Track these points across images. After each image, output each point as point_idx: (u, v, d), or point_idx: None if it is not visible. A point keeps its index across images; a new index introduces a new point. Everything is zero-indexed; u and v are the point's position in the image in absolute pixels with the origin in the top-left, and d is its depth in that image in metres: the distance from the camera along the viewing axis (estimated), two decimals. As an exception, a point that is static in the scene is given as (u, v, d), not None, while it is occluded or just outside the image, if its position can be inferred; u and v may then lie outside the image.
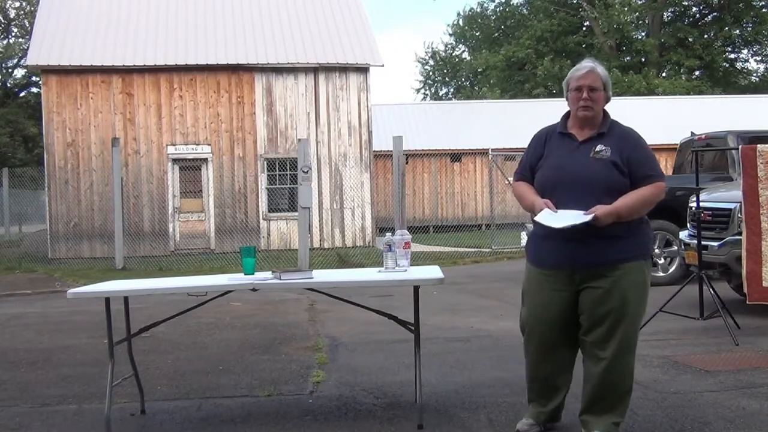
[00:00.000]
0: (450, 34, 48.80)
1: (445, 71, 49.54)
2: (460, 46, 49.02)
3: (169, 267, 14.80)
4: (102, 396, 4.31)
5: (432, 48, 51.11)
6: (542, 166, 3.71)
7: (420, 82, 50.67)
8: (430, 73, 49.99)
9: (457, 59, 48.75)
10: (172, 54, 18.87)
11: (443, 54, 49.40)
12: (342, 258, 15.04)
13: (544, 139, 3.77)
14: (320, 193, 18.97)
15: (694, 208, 7.60)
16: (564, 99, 3.80)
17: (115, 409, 4.45)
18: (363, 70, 19.28)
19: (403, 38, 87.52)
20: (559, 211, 3.54)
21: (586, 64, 3.69)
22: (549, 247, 3.64)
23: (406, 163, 20.68)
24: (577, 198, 3.53)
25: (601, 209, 3.47)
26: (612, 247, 3.54)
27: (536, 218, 3.63)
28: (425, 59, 49.84)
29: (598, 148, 3.60)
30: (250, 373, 5.65)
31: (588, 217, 3.46)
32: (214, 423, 4.47)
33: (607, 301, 3.57)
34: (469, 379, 5.27)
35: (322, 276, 4.60)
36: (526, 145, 3.94)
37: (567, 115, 3.77)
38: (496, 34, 44.21)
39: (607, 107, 3.74)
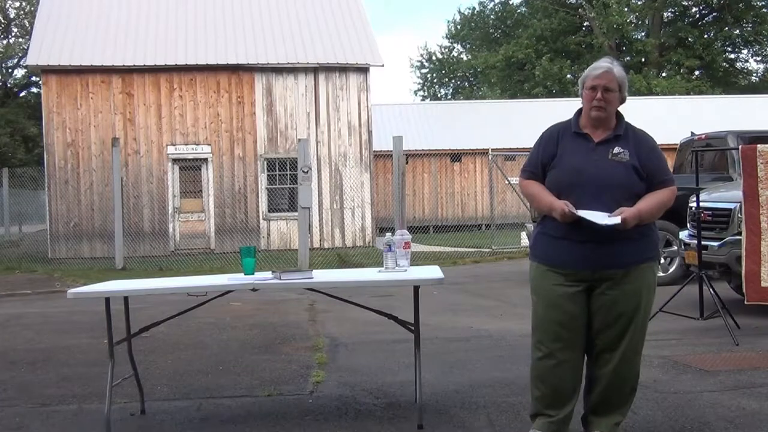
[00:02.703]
0: (447, 37, 48.76)
1: (443, 72, 49.47)
2: (457, 46, 48.99)
3: (169, 267, 14.79)
4: (102, 396, 4.31)
5: (427, 50, 51.05)
6: (556, 166, 3.58)
7: (417, 84, 50.67)
8: (428, 76, 49.91)
9: (454, 60, 48.69)
10: (172, 54, 18.87)
11: (440, 56, 49.30)
12: (342, 258, 15.04)
13: (556, 137, 3.64)
14: (320, 193, 18.97)
15: (694, 208, 7.61)
16: (566, 98, 3.75)
17: (115, 409, 4.45)
18: (363, 70, 19.28)
19: (403, 38, 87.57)
20: (579, 210, 3.46)
21: (604, 63, 3.60)
22: (564, 247, 3.55)
23: (406, 163, 20.68)
24: (597, 200, 3.46)
25: (627, 212, 3.40)
26: (628, 249, 3.50)
27: (583, 214, 3.44)
28: (421, 62, 49.75)
29: (616, 150, 3.53)
30: (250, 373, 5.65)
31: (614, 220, 3.38)
32: (214, 423, 4.48)
33: (622, 303, 3.53)
34: (469, 379, 5.27)
35: (322, 276, 4.60)
36: (526, 145, 3.87)
37: (579, 113, 3.67)
38: (495, 34, 44.21)
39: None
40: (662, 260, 10.18)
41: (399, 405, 4.67)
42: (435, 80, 50.02)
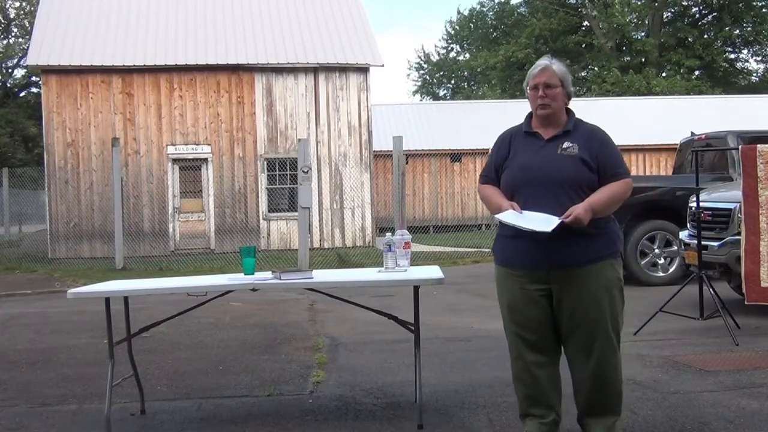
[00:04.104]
0: (445, 38, 48.75)
1: (442, 73, 49.41)
2: (456, 47, 48.93)
3: (169, 267, 14.79)
4: (102, 396, 4.31)
5: (424, 51, 50.99)
6: (508, 166, 3.62)
7: (416, 85, 50.60)
8: (426, 77, 49.84)
9: (452, 61, 48.65)
10: (172, 54, 18.86)
11: (437, 58, 49.23)
12: (342, 258, 15.04)
13: (508, 140, 3.70)
14: (320, 193, 18.96)
15: (694, 208, 7.60)
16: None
17: (115, 409, 4.45)
18: (363, 70, 19.27)
19: (404, 38, 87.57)
20: (525, 212, 3.46)
21: (542, 61, 3.65)
22: (519, 247, 3.54)
23: (406, 163, 20.67)
24: (548, 195, 3.46)
25: (577, 209, 3.38)
26: (584, 246, 3.46)
27: (499, 216, 3.53)
28: (419, 63, 49.68)
29: (565, 144, 3.54)
30: (250, 373, 5.65)
31: (552, 226, 3.36)
32: (214, 423, 4.48)
33: (583, 306, 3.48)
34: (469, 379, 5.27)
35: (322, 276, 4.61)
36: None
37: (530, 116, 3.71)
38: (495, 34, 44.22)
39: (607, 106, 3.69)
40: (662, 260, 10.19)
41: (399, 405, 4.67)
42: (434, 81, 49.97)
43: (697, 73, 38.96)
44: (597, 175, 3.51)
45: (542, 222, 3.39)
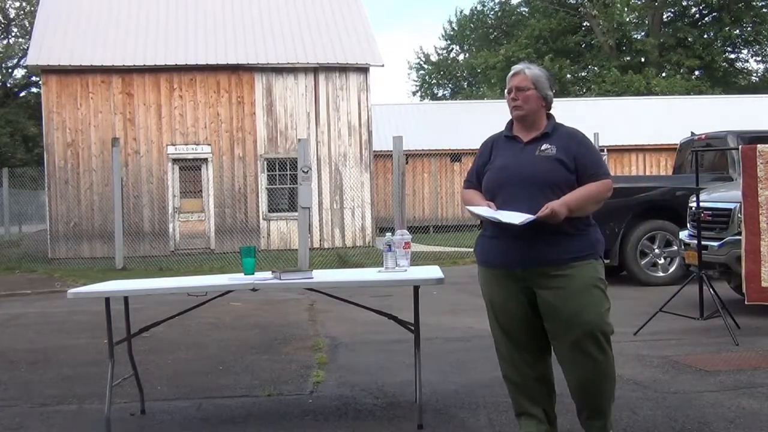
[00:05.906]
0: (444, 38, 48.71)
1: (441, 74, 49.38)
2: (455, 47, 48.88)
3: (169, 267, 14.79)
4: (102, 396, 4.31)
5: (423, 52, 50.89)
6: (488, 169, 3.69)
7: (415, 86, 50.55)
8: (426, 78, 49.81)
9: (451, 61, 48.61)
10: (172, 54, 18.86)
11: (437, 58, 49.20)
12: (342, 258, 15.04)
13: (490, 145, 3.78)
14: (320, 193, 18.96)
15: (694, 208, 7.61)
16: (566, 98, 3.79)
17: (115, 409, 4.45)
18: (363, 70, 19.27)
19: (404, 38, 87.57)
20: (499, 211, 3.50)
21: (516, 67, 3.75)
22: (496, 247, 3.58)
23: (406, 163, 20.67)
24: (524, 195, 3.49)
25: (554, 202, 3.41)
26: (559, 246, 3.47)
27: (470, 208, 3.60)
28: (419, 64, 49.63)
29: (544, 146, 3.59)
30: (250, 373, 5.65)
31: (530, 217, 3.38)
32: (214, 423, 4.48)
33: (561, 306, 3.47)
34: (469, 379, 5.27)
35: (322, 276, 4.61)
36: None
37: (512, 121, 3.78)
38: (495, 34, 44.21)
39: (607, 106, 3.72)
40: (662, 260, 10.19)
41: (399, 405, 4.67)
42: (433, 81, 49.93)
43: (697, 73, 38.96)
44: (575, 175, 3.55)
45: (515, 217, 3.43)
